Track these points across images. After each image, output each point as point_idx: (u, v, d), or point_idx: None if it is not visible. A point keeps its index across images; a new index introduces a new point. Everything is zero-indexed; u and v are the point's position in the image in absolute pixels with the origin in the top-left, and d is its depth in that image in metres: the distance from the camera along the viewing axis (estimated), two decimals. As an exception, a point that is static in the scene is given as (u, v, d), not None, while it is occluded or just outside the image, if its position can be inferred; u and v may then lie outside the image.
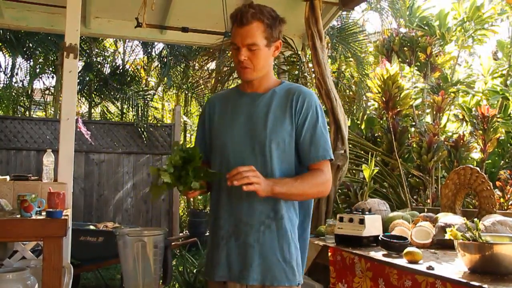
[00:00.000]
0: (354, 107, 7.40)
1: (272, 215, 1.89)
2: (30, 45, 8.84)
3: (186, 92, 11.06)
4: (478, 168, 3.23)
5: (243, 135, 1.92)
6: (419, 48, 5.74)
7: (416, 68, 5.94)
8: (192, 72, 10.13)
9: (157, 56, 10.42)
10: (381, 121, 5.43)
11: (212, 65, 7.40)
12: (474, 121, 4.41)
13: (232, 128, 1.95)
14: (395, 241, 2.51)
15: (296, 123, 1.92)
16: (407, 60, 5.91)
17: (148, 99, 9.83)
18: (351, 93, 7.79)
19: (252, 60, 1.90)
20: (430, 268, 2.06)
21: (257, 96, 1.98)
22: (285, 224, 1.89)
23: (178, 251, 7.14)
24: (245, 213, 1.88)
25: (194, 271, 5.59)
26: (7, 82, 9.32)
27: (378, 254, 2.48)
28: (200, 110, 10.86)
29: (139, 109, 9.07)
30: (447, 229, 2.12)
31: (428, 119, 5.82)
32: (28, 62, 9.44)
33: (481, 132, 4.31)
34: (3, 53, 9.43)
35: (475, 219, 2.10)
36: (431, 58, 5.71)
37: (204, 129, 2.08)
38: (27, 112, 9.91)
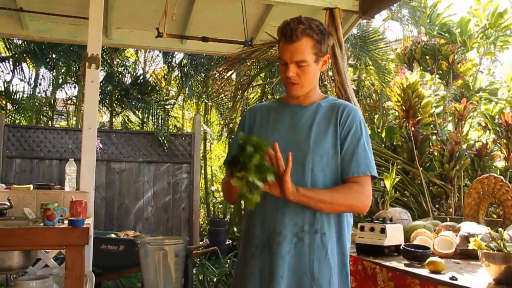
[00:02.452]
0: (375, 116, 7.36)
1: (307, 228, 1.85)
2: (53, 56, 8.99)
3: (206, 101, 11.12)
4: (502, 177, 3.17)
5: (284, 145, 1.85)
6: (441, 56, 5.69)
7: (438, 76, 5.88)
8: (212, 82, 10.19)
9: (177, 66, 10.50)
10: (401, 130, 5.38)
11: (232, 74, 7.44)
12: (498, 129, 4.35)
13: (273, 138, 1.89)
14: (417, 250, 2.48)
15: (339, 136, 1.89)
16: (429, 68, 5.86)
17: (168, 108, 9.90)
18: (371, 101, 7.76)
19: (301, 76, 1.89)
20: (453, 278, 2.03)
21: (302, 108, 1.96)
22: (319, 239, 1.85)
23: (198, 259, 7.15)
24: (279, 222, 1.85)
25: (214, 279, 5.59)
26: (31, 92, 9.49)
27: (400, 264, 2.45)
28: (220, 119, 10.92)
29: (160, 118, 9.13)
30: (471, 239, 2.09)
31: (450, 127, 5.75)
32: (51, 72, 9.60)
33: (505, 140, 4.25)
34: (27, 64, 9.61)
35: (500, 229, 2.06)
36: (453, 66, 5.65)
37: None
38: (49, 122, 10.06)
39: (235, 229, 9.53)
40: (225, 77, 6.65)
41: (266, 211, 1.88)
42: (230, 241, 8.94)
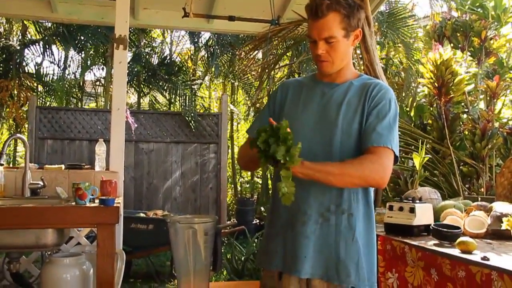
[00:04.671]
0: (403, 94, 7.24)
1: (333, 209, 1.83)
2: (82, 38, 9.07)
3: (233, 81, 11.11)
4: (536, 156, 3.10)
5: (314, 122, 1.87)
6: (473, 32, 5.52)
7: (469, 53, 5.73)
8: (238, 61, 10.15)
9: (203, 46, 10.49)
10: (431, 108, 5.28)
11: (259, 54, 7.39)
12: (532, 107, 4.23)
13: (303, 114, 1.91)
14: (447, 230, 2.45)
15: (367, 111, 1.85)
16: (460, 46, 5.70)
17: (195, 88, 9.93)
18: (400, 79, 7.63)
19: (331, 53, 1.85)
20: (485, 258, 2.00)
21: (333, 86, 1.93)
22: (345, 220, 1.83)
23: (226, 239, 7.23)
24: (304, 202, 1.84)
25: (242, 258, 5.65)
26: (60, 74, 9.63)
27: (429, 244, 2.43)
28: (247, 99, 10.91)
29: (187, 98, 9.18)
30: (504, 219, 2.05)
31: (482, 105, 5.62)
32: (80, 54, 9.71)
33: (539, 118, 4.13)
34: (56, 46, 9.74)
35: (534, 209, 2.02)
36: (485, 42, 5.48)
37: (270, 110, 2.03)
38: (79, 103, 10.22)
39: (262, 208, 9.58)
40: (252, 56, 6.61)
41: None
42: (257, 220, 9.01)
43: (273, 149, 1.60)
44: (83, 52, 9.56)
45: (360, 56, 4.39)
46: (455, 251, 2.20)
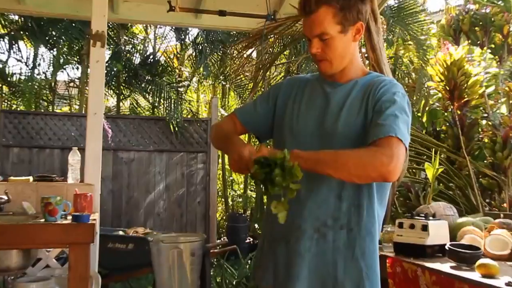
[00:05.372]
0: (414, 97, 7.26)
1: (330, 223, 1.82)
2: (53, 33, 9.04)
3: (224, 83, 11.11)
4: None
5: (314, 128, 1.88)
6: (494, 27, 5.53)
7: (489, 50, 5.74)
8: (230, 61, 10.16)
9: (191, 44, 10.50)
10: (446, 113, 5.30)
11: (253, 53, 7.40)
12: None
13: (303, 118, 1.93)
14: (465, 251, 2.43)
15: (370, 111, 1.83)
16: (479, 42, 5.71)
17: (181, 91, 9.92)
18: (410, 81, 7.65)
19: (327, 52, 1.86)
20: (509, 284, 1.98)
21: (336, 87, 1.94)
22: (344, 236, 1.82)
23: (215, 260, 7.18)
24: (299, 215, 1.84)
25: (234, 282, 5.60)
26: (29, 74, 9.57)
27: (445, 266, 2.41)
28: (239, 103, 10.90)
29: (172, 102, 9.16)
30: (529, 238, 2.04)
31: (504, 110, 5.63)
32: (51, 52, 9.67)
33: None
34: (24, 42, 9.70)
35: None
36: (508, 38, 5.49)
37: (270, 103, 2.06)
38: (50, 107, 10.17)
39: (256, 225, 9.55)
40: (245, 55, 6.61)
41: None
42: (251, 239, 8.96)
43: (279, 182, 1.65)
44: (55, 49, 9.52)
45: (366, 55, 4.39)
46: (475, 275, 2.18)
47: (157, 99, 9.69)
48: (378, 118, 1.77)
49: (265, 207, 2.09)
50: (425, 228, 2.69)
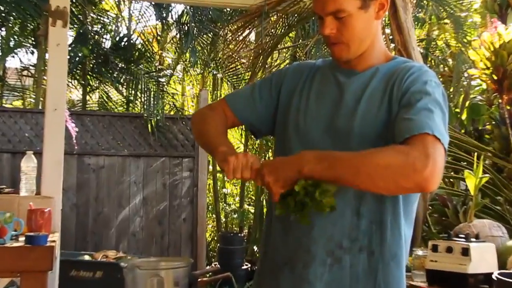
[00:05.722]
0: (451, 89, 7.26)
1: (347, 244, 1.80)
2: (1, 8, 9.02)
3: (215, 72, 11.10)
4: None
5: (325, 126, 1.87)
6: (554, 0, 5.52)
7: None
8: (223, 45, 10.16)
9: (175, 23, 10.49)
10: (491, 109, 5.29)
11: (251, 35, 7.39)
12: None
13: (313, 114, 1.92)
14: (517, 281, 2.42)
15: (395, 106, 1.80)
16: (534, 20, 5.71)
17: (163, 82, 9.91)
18: (446, 69, 7.64)
19: (343, 33, 1.85)
20: None
21: (352, 75, 1.92)
22: (364, 261, 1.81)
23: (205, 290, 7.16)
24: (307, 234, 1.83)
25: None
26: (-30, 60, 9.56)
27: (492, 300, 2.40)
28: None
29: (151, 95, 9.15)
30: None
31: None
32: (-1, 32, 9.66)
33: None
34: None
35: None
36: None
37: (272, 93, 2.06)
38: (-2, 101, 10.16)
39: (255, 248, 9.53)
40: (241, 38, 6.61)
41: (290, 216, 1.85)
42: (249, 265, 8.94)
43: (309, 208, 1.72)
44: (3, 29, 9.51)
45: (391, 37, 4.39)
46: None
47: (133, 91, 9.69)
48: (407, 113, 1.73)
49: (264, 223, 2.07)
50: (466, 252, 2.69)
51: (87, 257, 5.79)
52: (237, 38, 6.57)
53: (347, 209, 1.80)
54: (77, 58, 9.39)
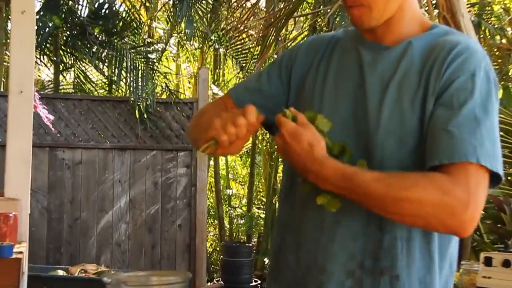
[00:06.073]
0: (510, 66, 7.24)
1: (369, 265, 1.77)
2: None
3: (217, 46, 11.11)
4: None
5: (347, 114, 1.84)
6: None
7: None
8: (226, 12, 10.15)
9: (167, -14, 10.51)
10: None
11: (261, 0, 7.39)
12: None
13: (331, 100, 1.89)
14: None
15: (434, 96, 1.75)
16: None
17: (153, 58, 9.91)
18: (503, 41, 7.62)
19: None
20: None
21: (379, 50, 1.88)
22: (392, 283, 1.77)
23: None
24: (322, 251, 1.82)
25: None
26: None
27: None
28: (240, 75, 10.88)
29: (139, 75, 9.15)
30: None
31: None
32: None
33: None
34: None
35: None
36: None
37: (282, 78, 2.04)
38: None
39: (266, 260, 9.55)
40: (249, 4, 6.61)
41: (302, 227, 1.85)
42: (258, 281, 8.98)
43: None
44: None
45: (433, 1, 4.37)
46: None
47: (116, 70, 9.68)
48: (447, 122, 1.69)
49: (274, 232, 2.07)
50: (527, 266, 2.68)
51: (61, 272, 5.81)
52: (244, 5, 6.57)
53: (371, 222, 1.78)
54: (47, 29, 9.40)
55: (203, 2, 10.23)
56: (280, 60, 2.09)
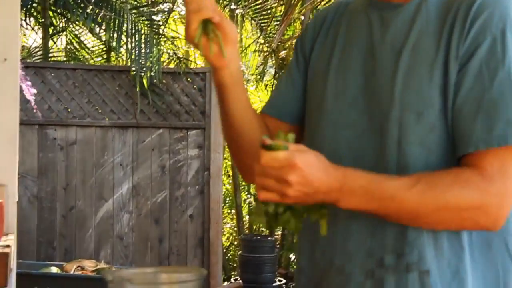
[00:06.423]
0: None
1: (391, 261, 1.78)
2: None
3: (233, 7, 11.09)
4: None
5: (357, 90, 1.85)
6: None
7: None
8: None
9: None
10: None
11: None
12: None
13: (341, 75, 1.89)
14: None
15: (458, 65, 1.72)
16: None
17: (158, 21, 9.90)
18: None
19: None
20: None
21: (390, 10, 1.87)
22: (415, 281, 1.76)
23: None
24: (339, 249, 1.85)
25: None
26: None
27: None
28: (261, 43, 10.87)
29: (143, 40, 9.15)
30: None
31: None
32: None
33: None
34: None
35: None
36: None
37: (299, 67, 2.07)
38: None
39: (291, 256, 9.56)
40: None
41: (319, 229, 1.85)
42: (283, 280, 8.99)
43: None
44: None
45: None
46: None
47: (115, 35, 9.69)
48: (475, 99, 1.69)
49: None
50: None
51: (54, 270, 5.84)
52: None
53: None
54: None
55: (217, -46, 10.22)
56: (296, 48, 2.13)
